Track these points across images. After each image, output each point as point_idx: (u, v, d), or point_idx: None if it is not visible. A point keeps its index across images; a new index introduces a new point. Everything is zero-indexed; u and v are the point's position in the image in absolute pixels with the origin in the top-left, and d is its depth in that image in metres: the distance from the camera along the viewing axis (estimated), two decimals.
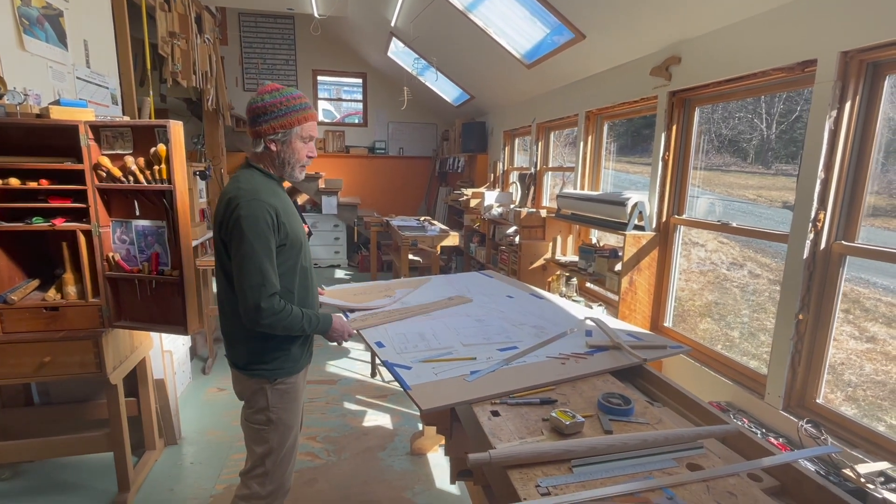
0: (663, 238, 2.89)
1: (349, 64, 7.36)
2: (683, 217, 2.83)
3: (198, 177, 3.77)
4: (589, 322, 1.92)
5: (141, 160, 2.00)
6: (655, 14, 2.58)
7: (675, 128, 2.80)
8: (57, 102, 1.95)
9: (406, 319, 1.97)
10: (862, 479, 1.61)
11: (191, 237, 2.09)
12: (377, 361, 3.68)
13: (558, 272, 3.80)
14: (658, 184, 2.89)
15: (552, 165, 4.78)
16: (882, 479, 1.60)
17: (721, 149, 4.48)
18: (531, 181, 4.78)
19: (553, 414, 1.20)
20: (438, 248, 4.91)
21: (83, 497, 2.23)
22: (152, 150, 1.98)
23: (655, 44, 2.81)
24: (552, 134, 4.72)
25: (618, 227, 2.94)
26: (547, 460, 1.06)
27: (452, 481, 1.78)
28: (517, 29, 3.98)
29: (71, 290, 2.03)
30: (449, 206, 7.08)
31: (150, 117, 2.98)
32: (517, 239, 4.20)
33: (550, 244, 4.04)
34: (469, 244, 5.67)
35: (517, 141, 5.67)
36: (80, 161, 1.93)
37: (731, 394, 2.33)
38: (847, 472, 1.67)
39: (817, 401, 2.02)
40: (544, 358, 1.60)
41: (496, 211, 4.93)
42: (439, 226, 5.37)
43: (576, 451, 1.07)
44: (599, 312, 2.71)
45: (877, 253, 1.81)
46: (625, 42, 3.01)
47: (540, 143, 4.74)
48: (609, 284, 3.14)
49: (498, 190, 5.55)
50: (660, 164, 2.87)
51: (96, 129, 1.97)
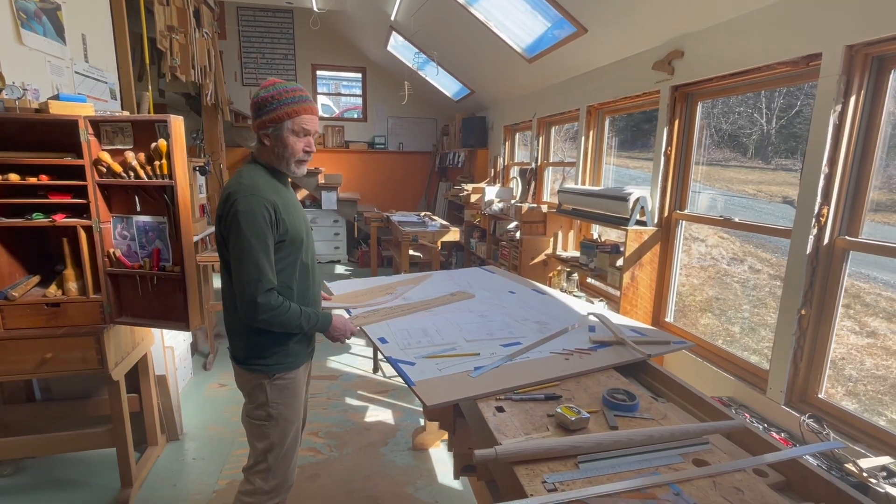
0: (665, 233, 2.88)
1: (348, 58, 7.32)
2: (685, 212, 2.83)
3: (197, 172, 3.75)
4: (592, 317, 1.92)
5: (141, 155, 1.98)
6: (658, 7, 2.56)
7: (677, 123, 2.79)
8: (56, 97, 1.93)
9: (408, 315, 1.97)
10: (864, 474, 1.62)
11: (192, 233, 2.08)
12: (379, 357, 3.69)
13: (559, 268, 3.80)
14: (660, 179, 2.88)
15: (553, 160, 4.77)
16: (884, 474, 1.60)
17: (721, 143, 4.47)
18: (532, 176, 4.77)
19: (558, 410, 1.20)
20: (439, 244, 4.91)
21: (86, 493, 2.24)
22: (153, 145, 1.96)
23: (658, 37, 2.79)
24: (553, 129, 4.71)
25: (620, 223, 2.93)
26: (553, 456, 1.06)
27: (456, 476, 1.78)
28: (518, 23, 3.96)
29: (72, 286, 2.02)
30: (449, 201, 7.06)
31: (148, 112, 2.96)
32: (518, 234, 4.19)
33: (551, 239, 4.04)
34: (469, 240, 5.66)
35: (518, 136, 5.65)
36: (80, 156, 1.91)
37: (733, 389, 2.33)
38: (849, 466, 1.68)
39: (819, 396, 2.03)
40: (548, 353, 1.60)
41: (497, 206, 4.92)
42: (440, 221, 5.36)
43: (582, 447, 1.07)
44: (601, 308, 2.71)
45: (880, 248, 1.81)
46: (627, 36, 2.99)
47: (541, 138, 4.73)
48: (610, 280, 3.14)
49: (498, 185, 5.53)
50: (662, 158, 2.86)
51: (96, 124, 1.96)
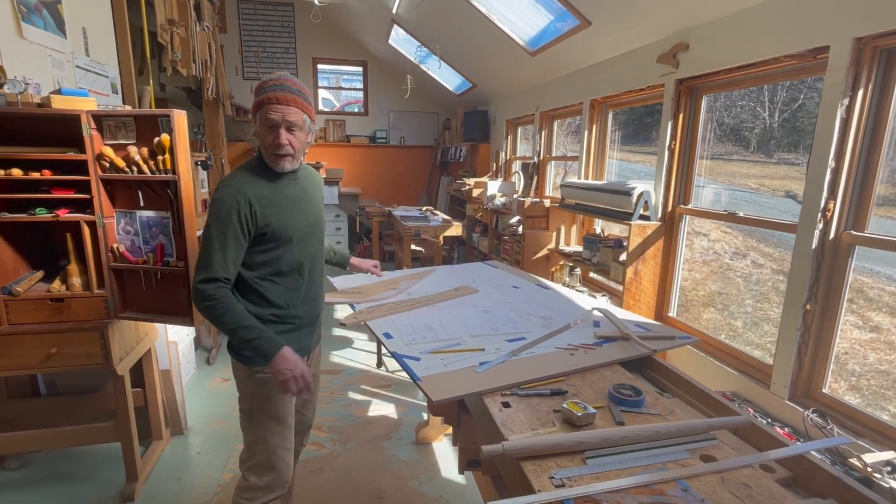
0: (669, 228, 2.87)
1: (349, 52, 7.27)
2: (689, 206, 2.82)
3: (199, 167, 3.74)
4: (596, 312, 1.92)
5: (144, 150, 1.98)
6: (663, 0, 2.54)
7: (681, 116, 2.77)
8: (58, 91, 1.92)
9: (413, 310, 1.97)
10: (868, 469, 1.62)
11: (195, 228, 2.08)
12: (382, 352, 3.69)
13: (562, 262, 3.79)
14: (664, 173, 2.87)
15: (555, 155, 4.75)
16: (889, 469, 1.61)
17: (723, 137, 4.44)
18: (534, 170, 4.75)
19: (564, 405, 1.20)
20: (441, 239, 4.90)
21: (91, 487, 2.25)
22: (156, 139, 1.95)
23: (662, 30, 2.77)
24: (556, 123, 4.68)
25: (623, 217, 2.92)
26: (561, 452, 1.06)
27: (461, 471, 1.79)
28: (521, 16, 3.92)
29: (76, 281, 2.02)
30: (451, 195, 7.04)
31: (150, 106, 2.95)
32: (520, 229, 4.18)
33: (554, 234, 4.03)
34: (471, 234, 5.65)
35: (520, 130, 5.62)
36: (83, 151, 1.91)
37: (737, 383, 2.33)
38: (853, 461, 1.68)
39: (823, 391, 2.03)
40: (553, 349, 1.60)
41: (499, 201, 4.91)
42: (442, 216, 5.35)
43: (589, 442, 1.07)
44: (604, 302, 2.70)
45: (887, 243, 1.80)
46: (631, 29, 2.96)
47: (543, 132, 4.70)
48: (613, 274, 3.14)
49: (500, 179, 5.51)
50: (666, 153, 2.84)
51: (98, 118, 1.95)
